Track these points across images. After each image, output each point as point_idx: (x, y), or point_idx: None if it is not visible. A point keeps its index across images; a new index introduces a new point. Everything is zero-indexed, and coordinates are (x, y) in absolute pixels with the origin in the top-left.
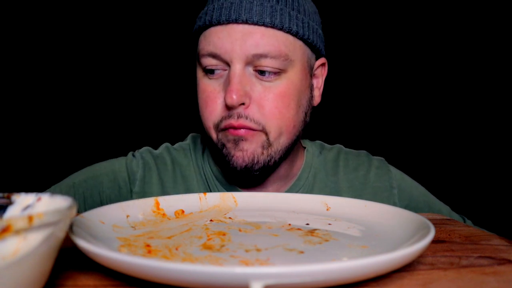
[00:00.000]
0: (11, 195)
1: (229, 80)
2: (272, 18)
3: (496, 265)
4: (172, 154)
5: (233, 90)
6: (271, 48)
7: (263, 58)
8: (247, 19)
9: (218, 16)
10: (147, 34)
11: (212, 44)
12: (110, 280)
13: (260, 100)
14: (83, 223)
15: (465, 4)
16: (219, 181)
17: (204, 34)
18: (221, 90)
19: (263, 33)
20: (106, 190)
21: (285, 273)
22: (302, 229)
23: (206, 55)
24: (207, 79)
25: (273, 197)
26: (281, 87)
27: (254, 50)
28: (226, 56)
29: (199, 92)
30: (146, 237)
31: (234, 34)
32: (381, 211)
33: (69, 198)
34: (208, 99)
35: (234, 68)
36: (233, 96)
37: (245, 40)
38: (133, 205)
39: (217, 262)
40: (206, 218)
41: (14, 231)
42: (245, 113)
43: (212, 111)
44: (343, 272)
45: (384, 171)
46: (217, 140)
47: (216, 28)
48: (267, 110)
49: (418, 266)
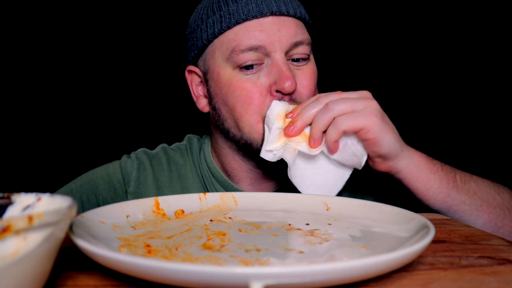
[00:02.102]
0: (11, 195)
1: (278, 69)
2: (300, 9)
3: (496, 265)
4: (168, 153)
5: (289, 77)
6: (304, 36)
7: (299, 46)
8: (285, 10)
9: (257, 10)
10: (143, 36)
11: (253, 37)
12: (110, 280)
13: (301, 85)
14: (83, 223)
15: (465, 3)
16: (216, 178)
17: (235, 31)
18: (262, 83)
19: (296, 23)
20: (102, 192)
21: (285, 273)
22: (302, 229)
23: (245, 50)
24: (244, 76)
25: (273, 197)
26: (310, 71)
27: (293, 39)
28: (271, 47)
29: (235, 91)
30: (146, 237)
31: (273, 25)
32: (381, 211)
33: (69, 198)
34: (251, 94)
35: (278, 57)
36: (289, 82)
37: (286, 30)
38: (133, 205)
39: (217, 262)
40: (206, 218)
41: (14, 231)
42: (294, 97)
43: (260, 104)
44: (343, 272)
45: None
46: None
47: (253, 22)
48: (308, 90)
49: (418, 266)
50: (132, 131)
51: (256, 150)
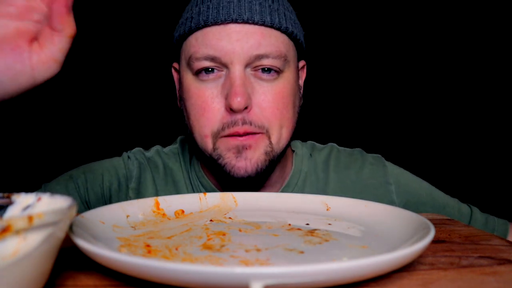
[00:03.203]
0: (11, 195)
1: (231, 83)
2: (272, 18)
3: (496, 265)
4: (163, 158)
5: (238, 93)
6: (272, 49)
7: (264, 59)
8: (248, 18)
9: (216, 16)
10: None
11: (209, 46)
12: (110, 280)
13: (261, 102)
14: (83, 223)
15: (465, 3)
16: (205, 188)
17: (196, 36)
18: (219, 94)
19: (263, 33)
20: (107, 182)
21: (285, 273)
22: (302, 229)
23: (201, 58)
24: (200, 82)
25: (273, 197)
26: (280, 87)
27: (255, 51)
28: (227, 58)
29: (191, 98)
30: (146, 237)
31: (234, 34)
32: (381, 211)
33: (69, 198)
34: (205, 105)
35: (234, 69)
36: (238, 99)
37: (246, 40)
38: (133, 205)
39: (217, 262)
40: (206, 218)
41: (14, 231)
42: (248, 118)
43: (210, 118)
44: (343, 272)
45: (379, 167)
46: (213, 149)
47: (212, 29)
48: (269, 111)
49: (418, 266)
50: (127, 129)
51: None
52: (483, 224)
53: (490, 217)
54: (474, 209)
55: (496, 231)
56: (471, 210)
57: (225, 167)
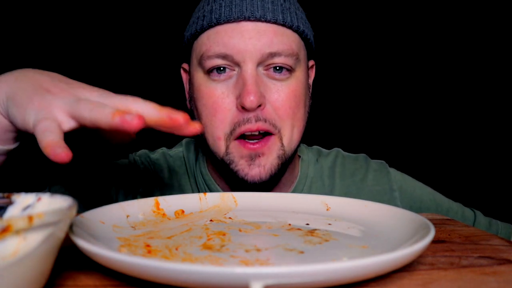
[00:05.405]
0: (11, 195)
1: (243, 81)
2: (284, 16)
3: (496, 265)
4: (168, 161)
5: (251, 92)
6: (284, 47)
7: (276, 57)
8: (261, 16)
9: (229, 13)
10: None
11: (221, 44)
12: (110, 280)
13: (274, 101)
14: (83, 223)
15: (465, 3)
16: (212, 191)
17: (208, 34)
18: (230, 93)
19: (275, 31)
20: (115, 188)
21: (285, 273)
22: (302, 229)
23: (213, 56)
24: (211, 82)
25: (273, 197)
26: (293, 86)
27: (268, 49)
28: (239, 56)
29: (203, 98)
30: (146, 237)
31: (246, 32)
32: (381, 211)
33: (69, 198)
34: (216, 105)
35: (246, 68)
36: (251, 98)
37: (258, 38)
38: (133, 205)
39: (217, 262)
40: (206, 218)
41: (14, 231)
42: (262, 115)
43: (222, 118)
44: (343, 272)
45: (383, 174)
46: (225, 153)
47: (225, 27)
48: (282, 110)
49: (418, 266)
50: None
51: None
52: (486, 227)
53: (494, 220)
54: (478, 213)
55: (499, 234)
56: (474, 214)
57: (238, 173)
